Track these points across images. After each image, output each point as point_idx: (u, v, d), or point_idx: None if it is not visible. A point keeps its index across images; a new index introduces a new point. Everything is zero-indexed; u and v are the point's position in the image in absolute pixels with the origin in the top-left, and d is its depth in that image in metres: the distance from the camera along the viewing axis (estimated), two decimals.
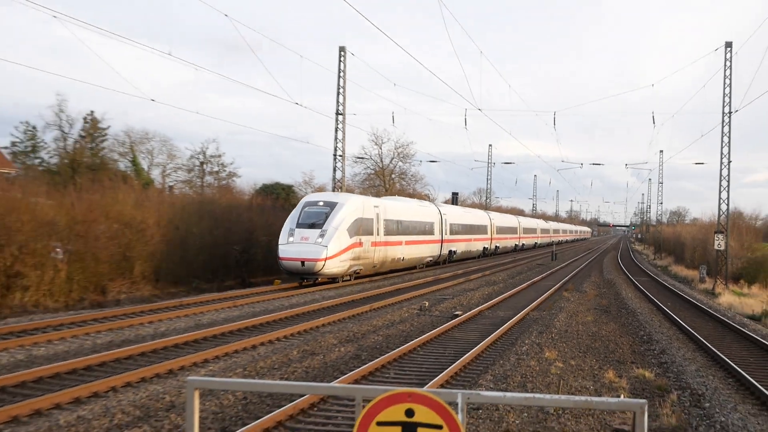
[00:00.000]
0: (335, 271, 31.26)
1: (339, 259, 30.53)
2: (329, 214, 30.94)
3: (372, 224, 34.98)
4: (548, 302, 31.07)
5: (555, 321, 24.66)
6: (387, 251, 38.03)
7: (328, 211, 31.12)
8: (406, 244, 41.51)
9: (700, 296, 40.95)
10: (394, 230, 38.97)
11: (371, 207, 35.22)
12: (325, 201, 32.54)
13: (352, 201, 33.53)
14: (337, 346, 18.67)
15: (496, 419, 11.86)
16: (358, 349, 18.69)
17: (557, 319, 25.07)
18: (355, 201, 33.97)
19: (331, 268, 30.58)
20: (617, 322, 26.20)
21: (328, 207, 31.67)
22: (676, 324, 26.24)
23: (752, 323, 28.80)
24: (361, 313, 24.74)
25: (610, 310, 29.59)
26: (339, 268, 31.13)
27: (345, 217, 31.34)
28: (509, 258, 73.19)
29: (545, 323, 24.00)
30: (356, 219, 32.40)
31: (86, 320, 20.83)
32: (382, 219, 36.45)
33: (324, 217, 30.97)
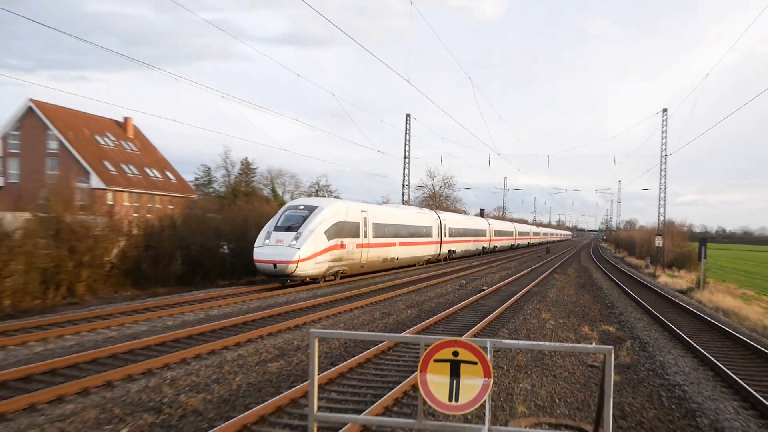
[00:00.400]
0: (310, 273, 28.19)
1: (314, 261, 27.89)
2: (307, 218, 28.67)
3: (358, 227, 32.50)
4: (544, 281, 35.03)
5: (549, 293, 28.26)
6: (376, 252, 35.13)
7: (306, 215, 28.91)
8: (401, 246, 39.51)
9: (646, 277, 47.06)
10: (385, 233, 36.59)
11: (357, 211, 32.79)
12: (306, 205, 30.13)
13: (333, 205, 30.75)
14: (405, 310, 21.57)
15: (511, 357, 13.91)
16: (419, 311, 21.43)
17: (550, 292, 28.73)
18: (336, 205, 31.09)
19: (305, 270, 27.63)
20: (590, 294, 30.00)
21: (307, 211, 29.29)
22: (630, 296, 30.26)
23: (681, 295, 33.89)
24: (420, 288, 28.71)
25: (586, 287, 33.99)
26: (315, 269, 28.30)
27: (323, 221, 28.82)
28: (517, 252, 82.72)
29: (542, 295, 27.50)
30: (337, 222, 29.75)
31: (242, 292, 25.25)
32: (371, 223, 34.15)
33: (301, 221, 28.58)
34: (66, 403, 9.87)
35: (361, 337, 5.04)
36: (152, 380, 11.30)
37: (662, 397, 12.22)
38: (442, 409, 4.95)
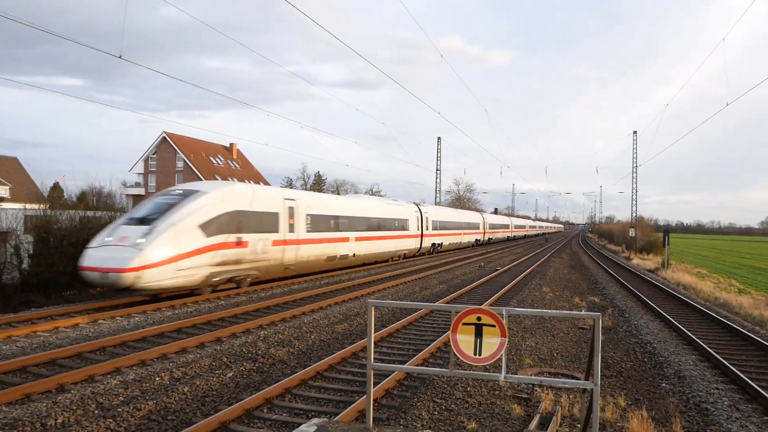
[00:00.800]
0: (169, 283, 14.54)
1: (177, 267, 14.52)
2: (174, 206, 15.49)
3: (276, 219, 19.06)
4: (544, 263, 34.30)
5: (548, 272, 27.69)
6: (312, 249, 21.57)
7: (176, 202, 15.73)
8: (357, 240, 26.19)
9: (622, 260, 45.85)
10: (330, 226, 23.41)
11: (274, 199, 19.30)
12: (185, 189, 16.77)
13: (225, 190, 17.11)
14: (438, 285, 21.26)
15: (519, 321, 13.71)
16: (448, 286, 21.11)
17: (549, 271, 28.13)
18: (229, 190, 17.38)
19: (158, 279, 14.16)
20: (580, 273, 29.29)
21: (180, 197, 15.99)
22: (610, 274, 29.50)
23: (650, 273, 32.90)
24: (449, 269, 28.18)
25: (576, 267, 33.07)
26: (177, 279, 14.71)
27: (200, 209, 15.58)
28: (521, 241, 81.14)
29: (542, 273, 26.96)
30: (229, 212, 16.41)
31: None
32: (304, 214, 20.90)
33: (164, 210, 15.34)
34: (188, 353, 9.97)
35: (405, 305, 4.98)
36: (250, 337, 11.31)
37: (636, 352, 11.96)
38: (469, 361, 4.89)
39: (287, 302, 16.01)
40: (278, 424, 6.83)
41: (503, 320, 4.84)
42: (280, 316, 13.39)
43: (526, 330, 12.98)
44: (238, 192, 17.87)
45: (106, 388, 7.76)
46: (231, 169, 68.11)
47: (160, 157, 63.13)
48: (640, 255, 54.88)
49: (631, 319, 15.82)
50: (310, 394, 7.97)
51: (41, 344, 10.36)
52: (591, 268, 34.41)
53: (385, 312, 14.73)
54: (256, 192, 18.93)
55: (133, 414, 6.94)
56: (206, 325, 12.53)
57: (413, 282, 21.95)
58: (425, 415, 7.16)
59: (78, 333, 11.33)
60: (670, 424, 7.30)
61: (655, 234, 64.37)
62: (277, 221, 19.51)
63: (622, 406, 7.84)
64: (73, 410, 6.92)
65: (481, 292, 19.59)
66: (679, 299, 20.29)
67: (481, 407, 7.57)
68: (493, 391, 8.23)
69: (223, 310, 14.06)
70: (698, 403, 8.40)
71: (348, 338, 11.86)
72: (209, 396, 7.84)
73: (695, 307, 18.20)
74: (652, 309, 17.60)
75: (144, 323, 12.59)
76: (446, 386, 8.31)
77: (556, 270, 29.99)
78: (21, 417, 6.58)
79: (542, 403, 7.41)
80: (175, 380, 8.38)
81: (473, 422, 6.93)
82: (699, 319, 16.46)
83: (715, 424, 7.49)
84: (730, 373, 9.75)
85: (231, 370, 8.99)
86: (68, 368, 8.87)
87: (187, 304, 15.13)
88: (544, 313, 5.00)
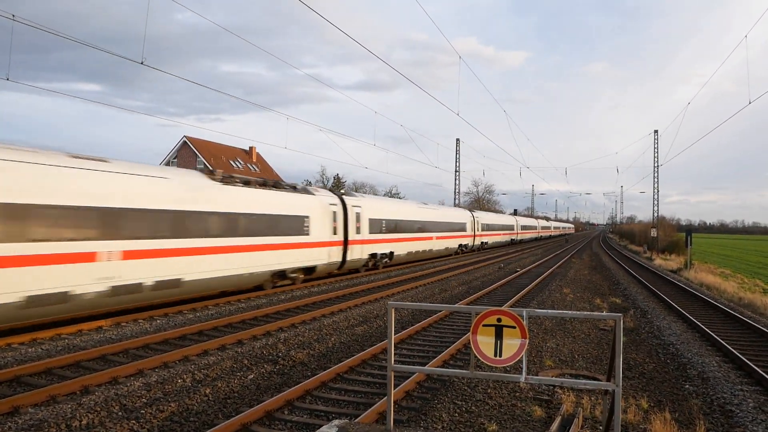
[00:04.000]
0: None
1: None
2: None
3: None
4: (564, 264, 33.91)
5: (568, 273, 27.44)
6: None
7: None
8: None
9: (644, 261, 44.90)
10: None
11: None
12: None
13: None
14: (457, 287, 21.08)
15: (539, 323, 13.50)
16: (468, 288, 21.06)
17: (569, 273, 27.84)
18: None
19: None
20: (601, 274, 29.04)
21: None
22: (632, 275, 29.09)
23: (672, 274, 32.22)
24: (469, 270, 28.03)
25: (597, 268, 32.82)
26: None
27: None
28: (543, 242, 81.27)
29: (563, 275, 26.65)
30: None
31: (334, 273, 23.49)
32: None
33: None
34: (209, 356, 10.03)
35: (425, 307, 4.94)
36: (270, 339, 11.37)
37: (659, 354, 11.81)
38: (489, 362, 4.87)
39: (307, 305, 16.06)
40: (299, 425, 6.85)
41: (524, 321, 4.81)
42: (300, 318, 13.44)
43: (546, 331, 12.87)
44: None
45: (129, 390, 7.84)
46: (250, 172, 68.82)
47: (180, 161, 63.91)
48: (662, 255, 54.15)
49: (653, 320, 15.63)
50: (331, 396, 7.98)
51: (65, 347, 10.51)
52: (612, 269, 34.07)
53: (404, 314, 14.71)
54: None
55: (156, 415, 7.00)
56: (227, 328, 12.61)
57: (433, 284, 21.85)
58: (445, 416, 7.13)
59: (101, 336, 11.47)
60: (693, 426, 7.17)
61: (677, 234, 63.58)
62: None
63: (644, 408, 7.74)
64: (97, 411, 7.00)
65: (501, 294, 19.45)
66: (702, 300, 19.97)
67: (501, 409, 7.52)
68: (514, 392, 8.16)
69: (244, 313, 14.14)
70: (722, 405, 8.26)
71: (368, 340, 11.87)
72: (230, 398, 7.89)
73: (719, 307, 17.90)
74: (674, 310, 17.36)
75: (166, 326, 12.71)
76: (466, 388, 8.25)
77: (577, 272, 29.71)
78: (46, 418, 6.68)
79: (563, 405, 7.32)
80: (197, 382, 8.43)
81: (494, 424, 6.88)
82: (723, 319, 16.18)
83: (739, 426, 7.36)
84: (756, 375, 9.58)
85: (252, 372, 9.04)
86: (92, 370, 9.00)
87: (208, 307, 15.24)
88: (564, 314, 4.96)
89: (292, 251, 18.74)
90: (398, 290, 19.34)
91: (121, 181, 12.40)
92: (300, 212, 19.39)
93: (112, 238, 11.98)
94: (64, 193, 11.02)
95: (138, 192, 12.77)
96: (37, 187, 10.53)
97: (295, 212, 19.12)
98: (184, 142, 62.84)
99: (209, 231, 14.85)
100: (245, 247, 16.22)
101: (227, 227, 15.50)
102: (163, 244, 13.30)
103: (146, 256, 12.81)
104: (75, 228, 11.24)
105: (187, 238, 14.03)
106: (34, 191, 10.46)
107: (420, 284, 21.27)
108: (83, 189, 11.44)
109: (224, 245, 15.34)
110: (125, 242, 12.30)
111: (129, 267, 12.35)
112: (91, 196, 11.53)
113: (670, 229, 66.43)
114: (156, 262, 13.10)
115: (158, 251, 13.21)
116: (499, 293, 19.71)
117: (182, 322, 13.24)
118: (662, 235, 59.20)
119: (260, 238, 16.95)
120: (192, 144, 62.19)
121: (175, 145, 63.89)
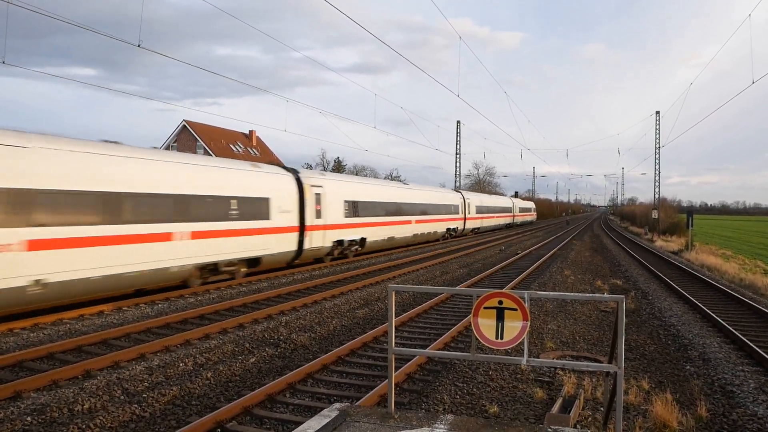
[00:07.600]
0: None
1: None
2: None
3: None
4: (565, 246, 33.82)
5: (569, 255, 27.35)
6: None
7: None
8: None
9: (645, 242, 44.95)
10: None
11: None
12: None
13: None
14: (458, 269, 21.11)
15: (541, 305, 13.56)
16: (469, 270, 21.04)
17: (570, 254, 27.77)
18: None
19: None
20: (602, 256, 29.11)
21: None
22: (632, 256, 29.12)
23: (673, 255, 32.22)
24: (470, 253, 27.80)
25: (598, 250, 32.79)
26: None
27: None
28: (543, 224, 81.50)
29: (564, 256, 26.61)
30: None
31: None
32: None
33: None
34: (211, 339, 10.04)
35: (426, 290, 4.93)
36: (272, 323, 11.39)
37: (660, 335, 11.80)
38: (491, 345, 4.86)
39: (308, 288, 16.06)
40: (300, 408, 6.87)
41: (525, 304, 4.78)
42: (302, 302, 13.44)
43: (547, 314, 12.88)
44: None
45: (131, 374, 7.86)
46: (251, 156, 68.59)
47: (180, 146, 63.72)
48: (663, 237, 54.08)
49: (654, 302, 15.65)
50: (332, 379, 8.00)
51: (67, 331, 10.53)
52: (613, 250, 34.10)
53: (405, 297, 14.71)
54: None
55: (158, 399, 7.02)
56: (229, 312, 12.63)
57: (434, 266, 21.84)
58: (447, 399, 7.14)
59: (103, 320, 11.49)
60: (694, 407, 7.18)
61: (678, 215, 63.35)
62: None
63: (645, 389, 7.75)
64: (99, 396, 7.02)
65: (502, 276, 19.45)
66: (703, 281, 19.99)
67: (503, 391, 7.54)
68: (515, 374, 8.19)
69: (245, 297, 14.16)
70: (723, 386, 8.27)
71: (369, 323, 11.89)
72: (232, 381, 7.91)
73: (720, 288, 17.91)
74: (675, 291, 17.36)
75: (167, 310, 12.74)
76: (468, 370, 8.27)
77: (578, 253, 29.68)
78: (49, 403, 6.69)
79: (564, 387, 7.33)
80: (199, 366, 8.46)
81: (495, 406, 6.90)
82: (724, 300, 16.18)
83: (740, 407, 7.37)
84: (756, 356, 9.58)
85: (253, 356, 9.05)
86: (94, 355, 9.02)
87: (210, 291, 15.27)
88: (566, 296, 4.93)
89: (220, 240, 15.65)
90: (399, 273, 19.34)
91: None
92: (226, 192, 16.03)
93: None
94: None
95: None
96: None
97: (219, 192, 15.77)
98: (184, 126, 62.68)
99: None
100: (141, 237, 13.03)
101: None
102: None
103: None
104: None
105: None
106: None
107: (421, 267, 21.25)
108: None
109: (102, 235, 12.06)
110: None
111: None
112: None
113: (671, 210, 66.03)
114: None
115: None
116: (500, 275, 19.70)
117: (184, 306, 13.28)
118: (663, 216, 58.99)
119: (167, 224, 13.82)
120: (191, 128, 62.03)
121: (175, 130, 63.76)
